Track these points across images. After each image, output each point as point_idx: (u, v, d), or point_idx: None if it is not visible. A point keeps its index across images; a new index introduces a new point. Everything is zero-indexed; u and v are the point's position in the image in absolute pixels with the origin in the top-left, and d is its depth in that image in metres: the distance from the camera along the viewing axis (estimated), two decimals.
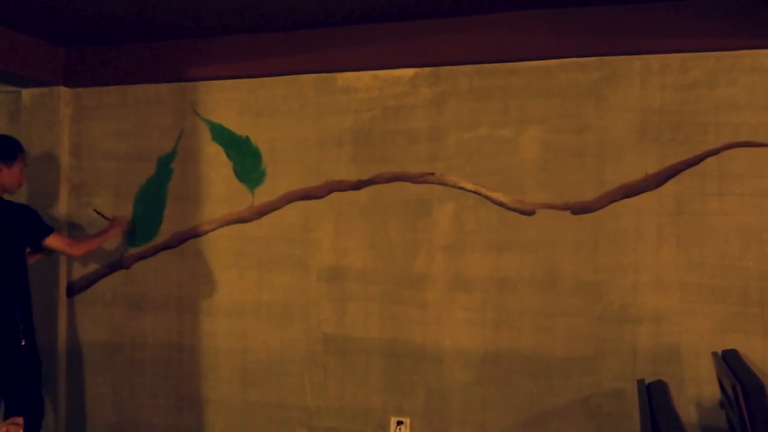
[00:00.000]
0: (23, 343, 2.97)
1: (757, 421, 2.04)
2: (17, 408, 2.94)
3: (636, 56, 2.88)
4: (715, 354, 2.60)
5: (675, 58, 2.84)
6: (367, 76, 3.26)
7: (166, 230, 3.59)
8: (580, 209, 2.95)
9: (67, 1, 2.99)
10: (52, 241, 3.15)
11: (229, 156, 3.49)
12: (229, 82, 3.48)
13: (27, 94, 3.81)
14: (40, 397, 3.13)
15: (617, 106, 2.91)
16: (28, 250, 3.21)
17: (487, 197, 3.07)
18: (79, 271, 3.73)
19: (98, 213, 3.60)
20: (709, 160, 2.80)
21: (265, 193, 3.42)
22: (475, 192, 3.09)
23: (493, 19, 3.04)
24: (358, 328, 3.26)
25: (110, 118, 3.71)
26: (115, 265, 3.68)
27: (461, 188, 3.11)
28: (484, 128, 3.08)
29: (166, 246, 3.59)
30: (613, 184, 2.90)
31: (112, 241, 3.64)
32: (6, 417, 2.89)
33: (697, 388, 2.79)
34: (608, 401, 2.89)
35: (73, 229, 3.74)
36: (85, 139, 3.76)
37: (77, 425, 3.73)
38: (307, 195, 3.35)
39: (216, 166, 3.50)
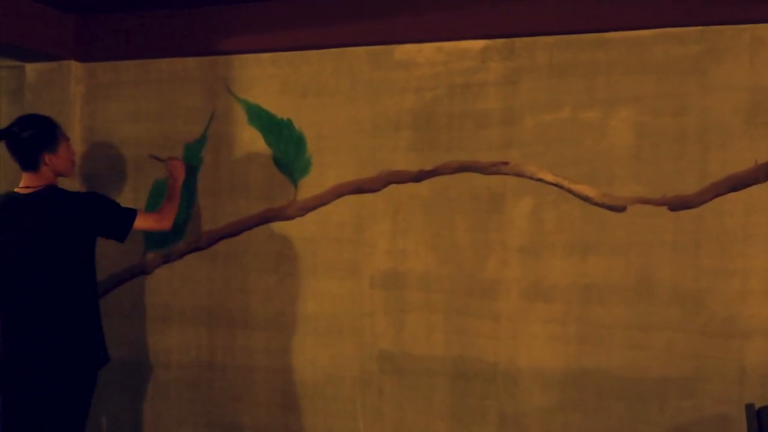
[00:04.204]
0: (101, 355, 3.58)
1: None
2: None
3: (745, 26, 3.42)
4: None
5: None
6: (429, 48, 3.87)
7: (194, 229, 4.29)
8: (679, 205, 3.52)
9: None
10: (142, 223, 3.66)
11: (268, 142, 4.16)
12: (267, 55, 4.14)
13: (31, 69, 4.50)
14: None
15: (722, 85, 3.47)
16: None
17: (570, 191, 3.67)
18: None
19: (155, 158, 4.20)
20: None
21: (310, 186, 4.07)
22: (556, 184, 3.69)
23: None
24: (420, 343, 3.90)
25: (129, 98, 4.41)
26: (135, 270, 4.41)
27: (540, 180, 3.71)
28: (567, 110, 3.68)
29: (195, 248, 4.30)
30: (718, 176, 3.46)
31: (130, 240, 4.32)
32: None
33: None
34: (711, 428, 3.46)
35: None
36: (100, 122, 4.47)
37: None
38: (359, 188, 3.99)
39: (253, 155, 4.18)
